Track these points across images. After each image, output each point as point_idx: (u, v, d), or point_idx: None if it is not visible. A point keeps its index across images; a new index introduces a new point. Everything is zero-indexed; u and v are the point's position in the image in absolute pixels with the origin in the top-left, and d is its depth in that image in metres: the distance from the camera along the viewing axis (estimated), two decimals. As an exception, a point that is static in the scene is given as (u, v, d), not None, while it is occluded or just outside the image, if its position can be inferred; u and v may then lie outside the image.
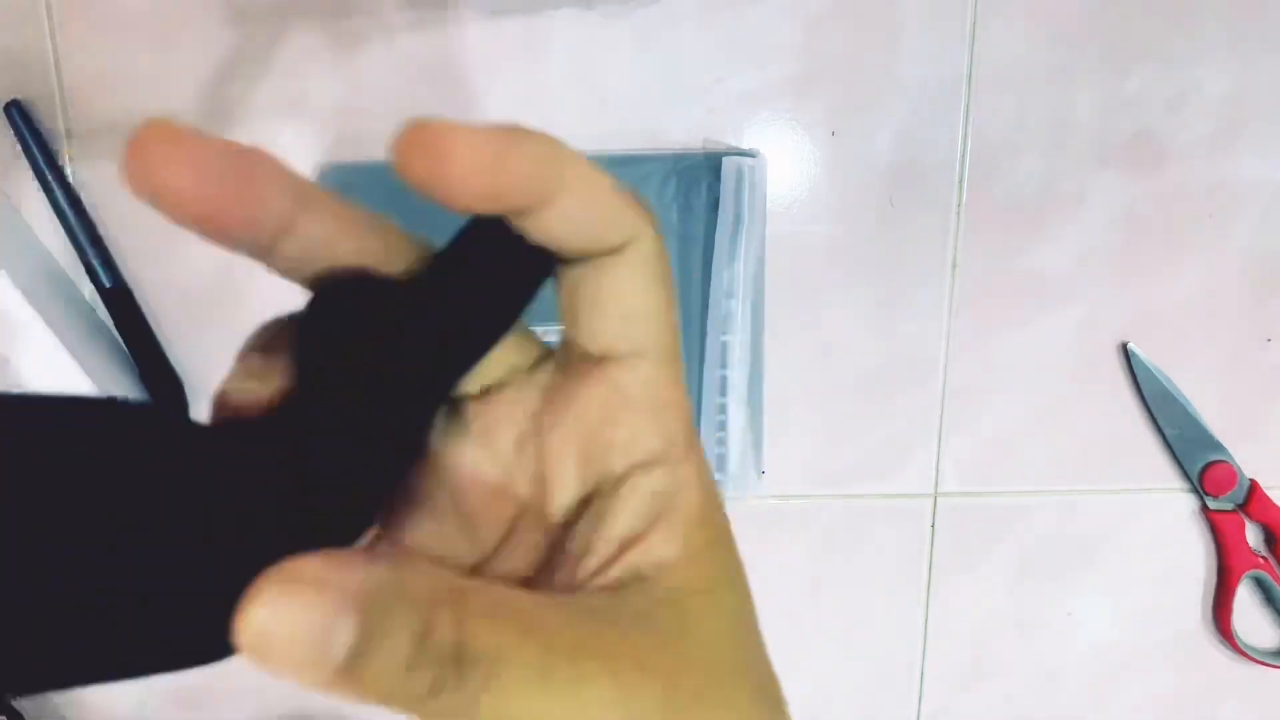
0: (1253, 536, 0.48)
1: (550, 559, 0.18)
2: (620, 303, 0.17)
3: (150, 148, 0.13)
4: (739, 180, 0.42)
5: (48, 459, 0.13)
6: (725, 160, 0.42)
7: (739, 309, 0.44)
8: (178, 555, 0.13)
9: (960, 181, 0.44)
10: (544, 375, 0.18)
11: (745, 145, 0.43)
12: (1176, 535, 0.48)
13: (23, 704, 0.48)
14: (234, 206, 0.14)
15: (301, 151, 0.42)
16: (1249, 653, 0.49)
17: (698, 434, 0.20)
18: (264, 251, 0.15)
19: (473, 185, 0.14)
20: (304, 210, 0.15)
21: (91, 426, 0.13)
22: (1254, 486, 0.47)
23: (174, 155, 0.13)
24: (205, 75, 0.42)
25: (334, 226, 0.15)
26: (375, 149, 0.43)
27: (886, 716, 0.51)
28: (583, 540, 0.17)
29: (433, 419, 0.17)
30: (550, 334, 0.18)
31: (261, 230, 0.15)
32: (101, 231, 0.43)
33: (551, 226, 0.15)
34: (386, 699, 0.13)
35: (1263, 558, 0.48)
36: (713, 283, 0.43)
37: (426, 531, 0.18)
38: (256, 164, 0.14)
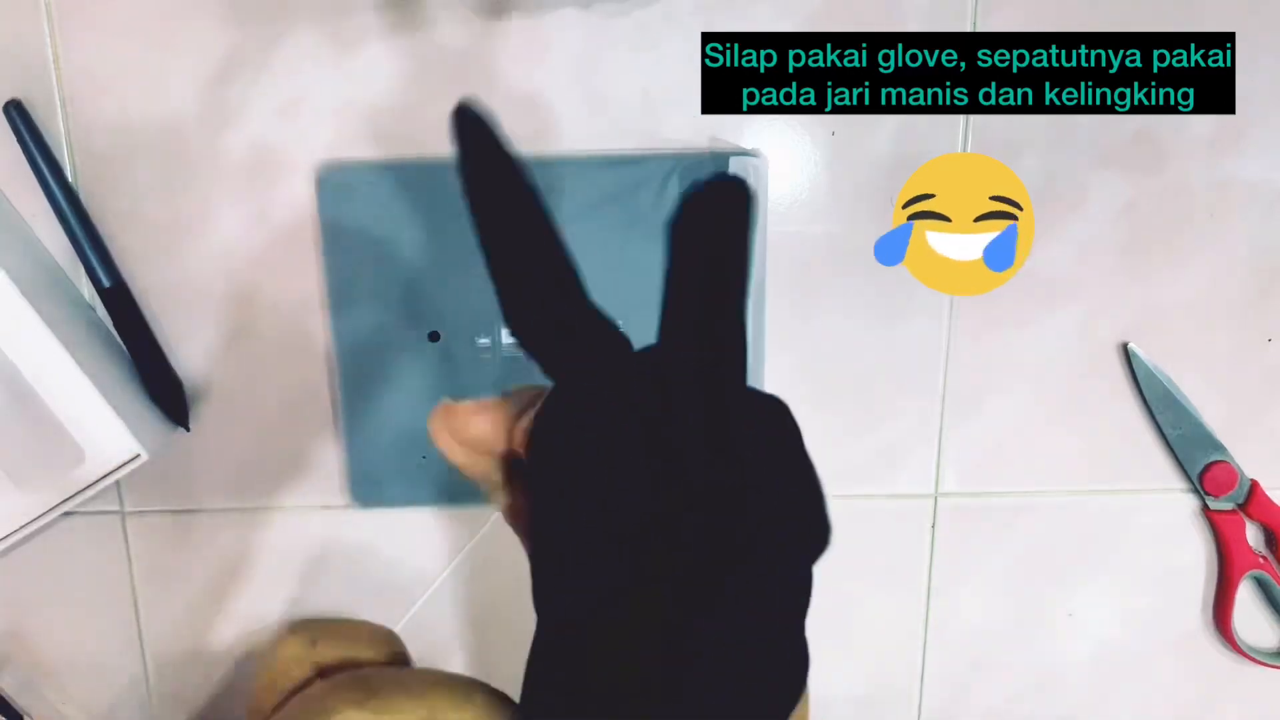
0: (1253, 536, 0.48)
1: None
2: None
3: None
4: (745, 180, 0.42)
5: None
6: (733, 160, 0.42)
7: (741, 309, 0.43)
8: None
9: (960, 181, 0.44)
10: None
11: (745, 145, 0.43)
12: (1177, 535, 0.48)
13: (22, 703, 0.48)
14: None
15: (301, 151, 0.42)
16: (1249, 653, 0.49)
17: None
18: None
19: None
20: None
21: None
22: (1254, 486, 0.47)
23: None
24: (205, 75, 0.42)
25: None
26: (375, 149, 0.43)
27: (886, 716, 0.51)
28: None
29: None
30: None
31: None
32: (101, 231, 0.43)
33: None
34: None
35: (1263, 557, 0.48)
36: (715, 283, 0.43)
37: None
38: None
